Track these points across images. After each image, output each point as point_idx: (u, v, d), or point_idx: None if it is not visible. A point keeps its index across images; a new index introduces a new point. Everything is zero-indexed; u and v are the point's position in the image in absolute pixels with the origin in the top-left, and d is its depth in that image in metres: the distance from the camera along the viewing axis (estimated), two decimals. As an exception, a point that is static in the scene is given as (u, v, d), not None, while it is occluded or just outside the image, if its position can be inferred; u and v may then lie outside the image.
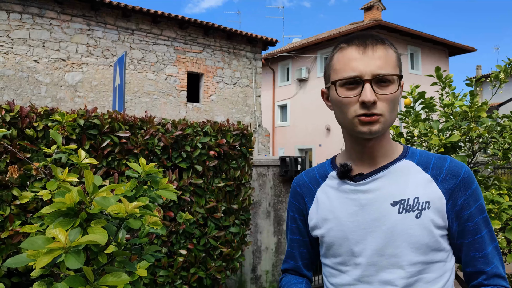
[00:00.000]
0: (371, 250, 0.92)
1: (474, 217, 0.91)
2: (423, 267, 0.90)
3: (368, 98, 0.86)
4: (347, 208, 0.96)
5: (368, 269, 0.93)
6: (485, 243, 0.91)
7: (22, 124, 2.43)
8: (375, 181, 0.94)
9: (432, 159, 0.95)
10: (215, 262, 3.26)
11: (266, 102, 18.61)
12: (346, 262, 0.96)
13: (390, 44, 0.94)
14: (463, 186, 0.91)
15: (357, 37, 0.92)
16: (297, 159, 4.88)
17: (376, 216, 0.92)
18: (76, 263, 0.80)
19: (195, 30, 11.09)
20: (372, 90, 0.87)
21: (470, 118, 2.58)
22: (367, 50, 0.89)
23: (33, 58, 8.80)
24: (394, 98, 0.89)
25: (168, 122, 3.11)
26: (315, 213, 1.03)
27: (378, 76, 0.87)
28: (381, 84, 0.88)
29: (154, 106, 10.30)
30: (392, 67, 0.90)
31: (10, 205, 2.25)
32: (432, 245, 0.90)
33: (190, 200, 3.12)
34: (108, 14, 9.75)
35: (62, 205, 0.89)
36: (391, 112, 0.90)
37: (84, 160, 1.36)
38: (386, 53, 0.90)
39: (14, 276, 2.26)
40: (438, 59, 16.46)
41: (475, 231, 0.91)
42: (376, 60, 0.88)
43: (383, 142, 0.95)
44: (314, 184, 1.06)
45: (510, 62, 2.72)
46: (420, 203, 0.90)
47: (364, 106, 0.87)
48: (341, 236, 0.96)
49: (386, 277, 0.91)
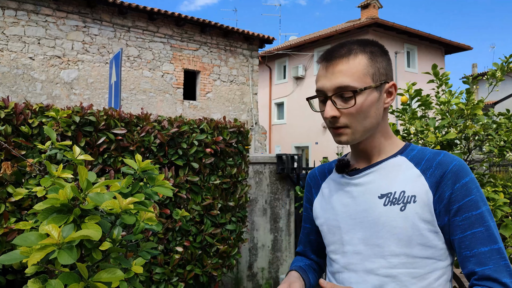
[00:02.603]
0: (357, 239, 0.98)
1: (463, 212, 0.88)
2: (407, 260, 0.91)
3: (326, 115, 0.93)
4: (342, 199, 1.03)
5: (353, 257, 0.98)
6: (477, 241, 0.86)
7: (17, 121, 2.41)
8: (367, 175, 1.00)
9: (427, 155, 0.96)
10: (212, 259, 3.26)
11: (263, 100, 18.61)
12: (336, 250, 1.03)
13: (361, 51, 0.94)
14: (450, 179, 0.89)
15: (326, 52, 0.97)
16: (293, 157, 4.88)
17: (364, 208, 0.97)
18: (69, 259, 0.79)
19: (191, 27, 11.05)
20: (334, 105, 0.92)
21: (466, 115, 2.59)
22: (329, 66, 0.94)
23: (28, 55, 8.75)
24: (359, 109, 0.92)
25: (164, 119, 3.10)
26: (318, 203, 1.12)
27: (337, 91, 0.92)
28: (344, 98, 0.93)
29: (150, 103, 10.27)
30: (356, 79, 0.91)
31: (4, 203, 2.23)
32: (416, 239, 0.90)
33: (186, 197, 3.11)
34: (104, 11, 9.71)
35: (55, 201, 0.89)
36: (360, 122, 0.93)
37: (78, 156, 1.35)
38: (348, 66, 0.92)
39: (9, 274, 2.25)
40: (434, 57, 16.51)
41: (464, 227, 0.87)
42: (336, 75, 0.92)
43: (375, 143, 1.00)
44: (322, 177, 1.15)
45: (507, 60, 2.73)
46: (406, 197, 0.92)
47: (329, 120, 0.94)
48: (335, 225, 1.03)
49: (369, 266, 0.95)
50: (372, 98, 0.93)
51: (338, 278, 1.02)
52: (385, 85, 0.96)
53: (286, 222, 5.06)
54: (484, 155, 2.91)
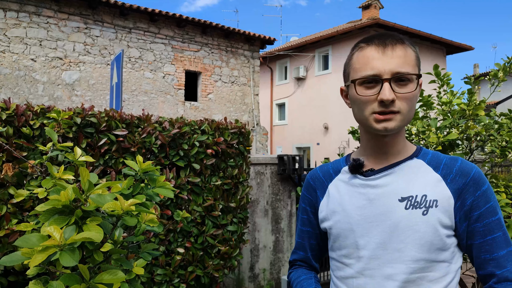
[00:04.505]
0: (375, 244, 0.94)
1: (484, 218, 0.90)
2: (426, 265, 0.91)
3: (386, 97, 0.88)
4: (356, 202, 0.98)
5: (370, 263, 0.94)
6: (497, 245, 0.89)
7: (18, 122, 2.41)
8: (385, 177, 0.97)
9: (443, 160, 0.96)
10: (213, 260, 3.25)
11: (264, 101, 18.60)
12: (350, 254, 0.98)
13: (409, 44, 0.96)
14: (472, 186, 0.91)
15: (377, 36, 0.95)
16: (295, 158, 4.87)
17: (383, 211, 0.94)
18: (71, 261, 0.79)
19: (192, 28, 11.06)
20: (391, 88, 0.89)
21: (468, 116, 2.58)
22: (387, 49, 0.92)
23: (30, 57, 8.76)
24: (412, 96, 0.92)
25: (166, 120, 3.10)
26: (325, 205, 1.06)
27: (397, 75, 0.90)
28: (400, 83, 0.91)
29: (152, 104, 10.28)
30: (411, 66, 0.92)
31: (6, 204, 2.23)
32: (436, 243, 0.90)
33: (187, 198, 3.11)
34: (105, 12, 9.72)
35: (57, 203, 0.89)
36: (409, 110, 0.92)
37: (80, 157, 1.35)
38: (405, 53, 0.92)
39: (10, 275, 2.25)
40: (436, 57, 16.48)
41: (484, 233, 0.90)
42: (395, 59, 0.91)
43: (398, 140, 0.98)
44: (327, 178, 1.09)
45: (509, 61, 2.72)
46: (428, 201, 0.91)
47: (383, 104, 0.90)
48: (347, 228, 0.98)
49: (388, 272, 0.92)
50: (418, 90, 0.94)
51: (351, 284, 0.97)
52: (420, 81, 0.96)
53: (288, 223, 5.05)
54: (486, 155, 2.90)
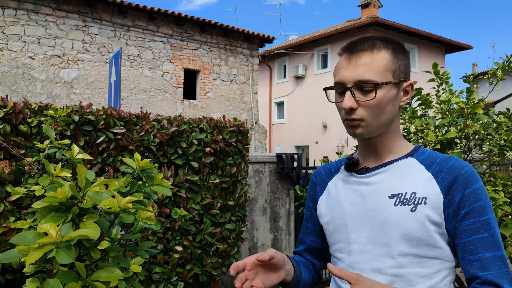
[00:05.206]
0: (365, 238, 0.97)
1: (470, 217, 0.89)
2: (416, 260, 0.92)
3: (344, 105, 0.93)
4: (350, 198, 1.02)
5: (360, 256, 0.98)
6: (482, 246, 0.88)
7: (16, 120, 2.40)
8: (378, 175, 1.00)
9: (437, 159, 0.97)
10: (211, 258, 3.25)
11: (263, 99, 18.59)
12: (342, 248, 1.02)
13: (386, 48, 0.96)
14: (462, 184, 0.91)
15: (349, 44, 0.99)
16: (293, 156, 4.87)
17: (374, 207, 0.97)
18: (67, 258, 0.78)
19: (191, 27, 11.04)
20: (353, 97, 0.93)
21: (467, 115, 2.58)
22: (352, 58, 0.95)
23: (28, 55, 8.74)
24: (377, 103, 0.93)
25: (164, 119, 3.10)
26: (324, 201, 1.11)
27: (358, 83, 0.92)
28: (364, 91, 0.93)
29: (150, 103, 10.26)
30: (377, 73, 0.93)
31: (3, 202, 2.23)
32: (425, 239, 0.91)
33: (186, 196, 3.11)
34: (104, 10, 9.70)
35: (53, 200, 0.88)
36: (376, 116, 0.94)
37: (77, 155, 1.34)
38: (371, 60, 0.93)
39: (8, 273, 2.24)
40: (435, 56, 16.49)
41: (470, 232, 0.89)
42: (359, 68, 0.93)
43: (386, 141, 1.01)
44: (328, 176, 1.15)
45: (508, 60, 2.72)
46: (417, 198, 0.93)
47: (346, 111, 0.94)
48: (342, 223, 1.03)
49: (377, 265, 0.95)
50: (391, 94, 0.94)
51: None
52: (403, 84, 0.98)
53: (286, 221, 5.05)
54: (484, 154, 2.90)
